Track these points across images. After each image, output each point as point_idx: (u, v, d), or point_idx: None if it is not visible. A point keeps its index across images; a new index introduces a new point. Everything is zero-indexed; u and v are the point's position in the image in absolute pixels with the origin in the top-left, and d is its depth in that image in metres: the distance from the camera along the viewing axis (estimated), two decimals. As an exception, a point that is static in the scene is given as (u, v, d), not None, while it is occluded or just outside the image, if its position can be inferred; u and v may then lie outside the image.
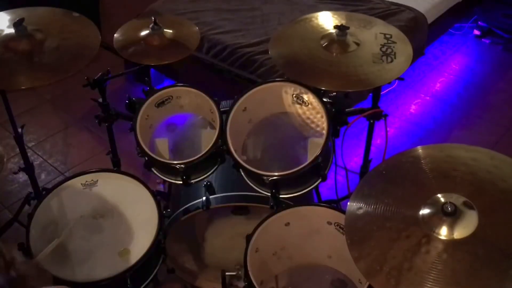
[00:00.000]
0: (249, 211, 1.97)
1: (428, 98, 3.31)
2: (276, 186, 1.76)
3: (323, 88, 1.81)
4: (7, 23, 1.93)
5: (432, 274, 1.14)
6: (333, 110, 1.86)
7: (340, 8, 3.01)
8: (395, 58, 1.81)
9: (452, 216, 1.19)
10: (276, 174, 1.71)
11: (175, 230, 1.97)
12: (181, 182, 1.84)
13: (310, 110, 1.88)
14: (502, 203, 1.23)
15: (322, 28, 1.94)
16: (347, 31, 1.85)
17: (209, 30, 2.86)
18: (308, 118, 1.90)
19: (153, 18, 2.01)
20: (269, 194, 1.78)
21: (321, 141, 1.75)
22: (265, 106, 1.92)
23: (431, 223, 1.21)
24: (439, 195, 1.26)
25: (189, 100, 1.95)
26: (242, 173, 1.82)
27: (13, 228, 2.30)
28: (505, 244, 1.15)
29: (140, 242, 1.70)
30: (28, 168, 2.27)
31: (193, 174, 1.86)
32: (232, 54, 2.73)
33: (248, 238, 1.63)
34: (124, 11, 3.37)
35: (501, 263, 1.12)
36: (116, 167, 2.29)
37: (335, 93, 1.92)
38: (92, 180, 1.83)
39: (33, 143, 3.04)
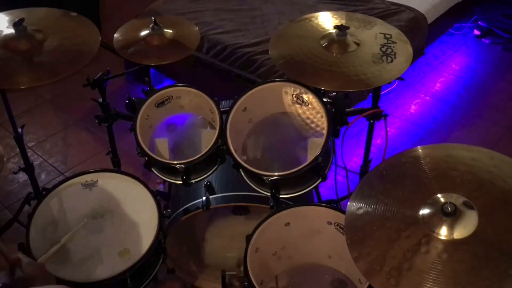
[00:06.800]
0: (249, 211, 1.97)
1: (428, 98, 3.32)
2: (276, 186, 1.76)
3: (323, 88, 1.81)
4: (7, 24, 1.94)
5: (432, 274, 1.14)
6: (333, 110, 1.86)
7: (340, 8, 3.01)
8: (395, 58, 1.81)
9: (452, 216, 1.19)
10: (276, 174, 1.71)
11: (175, 230, 1.97)
12: (181, 182, 1.84)
13: (310, 110, 1.88)
14: (502, 203, 1.23)
15: (322, 28, 1.94)
16: (347, 31, 1.85)
17: (209, 30, 2.86)
18: (308, 118, 1.90)
19: (153, 18, 2.01)
20: (269, 194, 1.78)
21: (321, 141, 1.75)
22: (265, 106, 1.92)
23: (431, 223, 1.21)
24: (439, 195, 1.26)
25: (189, 100, 1.95)
26: (242, 173, 1.82)
27: (13, 228, 2.30)
28: (505, 244, 1.15)
29: (140, 242, 1.69)
30: (28, 168, 2.27)
31: (193, 174, 1.86)
32: (232, 54, 2.74)
33: (248, 238, 1.63)
34: (124, 11, 3.38)
35: (501, 263, 1.12)
36: (116, 167, 2.29)
37: (335, 93, 1.92)
38: (92, 180, 1.83)
39: (33, 143, 3.05)
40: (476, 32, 3.84)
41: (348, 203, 1.36)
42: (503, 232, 1.17)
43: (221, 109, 1.85)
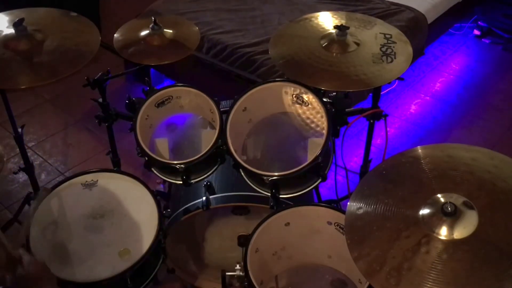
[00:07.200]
0: (249, 211, 1.97)
1: (428, 98, 3.32)
2: (276, 186, 1.76)
3: (323, 88, 1.81)
4: (7, 24, 1.94)
5: (432, 274, 1.14)
6: (333, 110, 1.86)
7: (340, 8, 3.01)
8: (395, 58, 1.81)
9: (452, 216, 1.19)
10: (276, 174, 1.71)
11: (175, 230, 1.97)
12: (181, 182, 1.84)
13: (310, 110, 1.88)
14: (502, 203, 1.23)
15: (322, 28, 1.94)
16: (347, 31, 1.85)
17: (209, 30, 2.86)
18: (308, 118, 1.90)
19: (153, 18, 2.01)
20: (269, 194, 1.78)
21: (321, 141, 1.76)
22: (265, 106, 1.92)
23: (431, 223, 1.21)
24: (439, 195, 1.26)
25: (189, 100, 1.95)
26: (242, 173, 1.82)
27: (13, 228, 2.30)
28: (505, 244, 1.15)
29: (140, 242, 1.70)
30: (28, 168, 2.27)
31: (193, 174, 1.86)
32: (232, 54, 2.74)
33: (248, 238, 1.63)
34: (124, 11, 3.38)
35: (501, 263, 1.12)
36: (116, 167, 2.29)
37: (335, 93, 1.92)
38: (92, 180, 1.83)
39: (33, 143, 3.04)
40: (476, 32, 3.84)
41: (348, 203, 1.36)
42: (503, 232, 1.17)
43: (221, 109, 1.85)
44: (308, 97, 1.84)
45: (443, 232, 1.19)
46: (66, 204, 1.79)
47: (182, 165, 1.77)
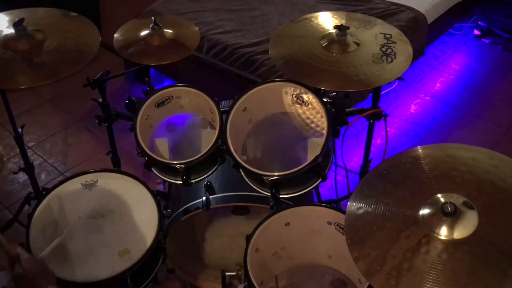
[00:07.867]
0: (249, 211, 1.97)
1: (428, 98, 3.32)
2: (276, 186, 1.76)
3: (323, 88, 1.81)
4: (7, 24, 1.94)
5: (432, 274, 1.14)
6: (333, 110, 1.86)
7: (340, 8, 3.02)
8: (395, 58, 1.81)
9: (452, 216, 1.19)
10: (276, 174, 1.71)
11: (175, 230, 1.97)
12: (181, 182, 1.84)
13: (310, 110, 1.88)
14: (502, 203, 1.23)
15: (322, 28, 1.94)
16: (347, 31, 1.85)
17: (209, 30, 2.86)
18: (308, 118, 1.90)
19: (153, 18, 2.01)
20: (269, 194, 1.78)
21: (321, 141, 1.76)
22: (265, 106, 1.92)
23: (431, 223, 1.21)
24: (439, 195, 1.26)
25: (189, 100, 1.95)
26: (242, 173, 1.82)
27: (13, 228, 2.30)
28: (505, 244, 1.15)
29: (140, 242, 1.70)
30: (28, 168, 2.27)
31: (193, 174, 1.86)
32: (232, 54, 2.74)
33: (248, 238, 1.63)
34: (124, 11, 3.38)
35: (501, 263, 1.12)
36: (116, 167, 2.29)
37: (335, 93, 1.92)
38: (92, 180, 1.83)
39: (33, 143, 3.05)
40: (476, 32, 3.84)
41: (348, 203, 1.36)
42: (503, 232, 1.17)
43: (221, 109, 1.85)
44: (308, 97, 1.84)
45: (443, 232, 1.19)
46: (66, 204, 1.79)
47: (182, 165, 1.77)
